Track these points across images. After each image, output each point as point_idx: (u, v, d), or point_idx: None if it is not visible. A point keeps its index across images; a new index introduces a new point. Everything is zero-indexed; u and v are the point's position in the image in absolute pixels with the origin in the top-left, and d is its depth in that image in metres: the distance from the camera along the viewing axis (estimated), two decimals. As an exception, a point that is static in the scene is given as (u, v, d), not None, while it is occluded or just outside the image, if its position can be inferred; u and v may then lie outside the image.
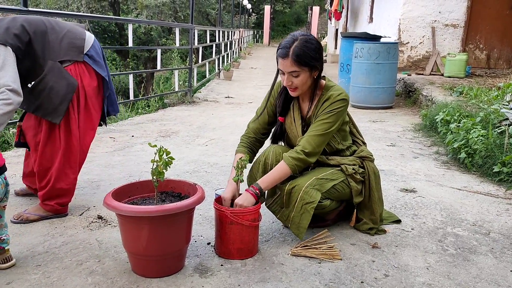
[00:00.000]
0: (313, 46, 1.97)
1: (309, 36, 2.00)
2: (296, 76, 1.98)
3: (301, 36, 1.98)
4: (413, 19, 8.25)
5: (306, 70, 1.98)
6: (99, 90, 2.35)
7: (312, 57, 1.96)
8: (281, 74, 2.03)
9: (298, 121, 2.13)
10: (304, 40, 1.97)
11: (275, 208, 2.10)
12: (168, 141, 4.19)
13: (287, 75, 1.99)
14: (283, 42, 2.01)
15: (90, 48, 2.30)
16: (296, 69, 1.96)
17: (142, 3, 18.11)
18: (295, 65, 1.95)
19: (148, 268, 1.75)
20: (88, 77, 2.27)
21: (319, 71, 2.04)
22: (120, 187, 1.88)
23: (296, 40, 1.97)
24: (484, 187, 3.01)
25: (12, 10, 3.91)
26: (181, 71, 7.71)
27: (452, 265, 1.93)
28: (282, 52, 1.97)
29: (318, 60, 2.00)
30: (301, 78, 1.99)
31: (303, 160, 2.00)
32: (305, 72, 1.98)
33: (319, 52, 2.00)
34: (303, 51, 1.94)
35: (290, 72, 1.98)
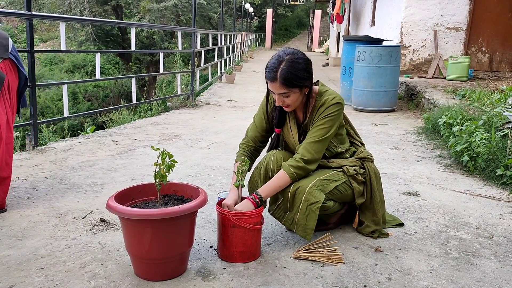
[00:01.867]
0: (301, 66, 1.94)
1: (295, 55, 1.96)
2: (287, 96, 1.98)
3: (287, 57, 1.94)
4: (415, 23, 8.25)
5: (296, 90, 1.97)
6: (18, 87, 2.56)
7: (300, 77, 1.94)
8: (272, 93, 2.03)
9: (294, 129, 2.14)
10: (291, 61, 1.93)
11: (279, 214, 2.10)
12: (171, 144, 4.20)
13: (278, 95, 1.99)
14: (269, 64, 1.97)
15: (12, 48, 2.48)
16: (285, 91, 1.95)
17: (145, 7, 18.14)
18: (284, 88, 1.94)
19: (150, 271, 1.76)
20: (13, 74, 2.48)
21: (309, 88, 2.03)
22: (123, 190, 1.88)
23: (282, 62, 1.93)
24: (487, 190, 3.00)
25: (16, 14, 3.93)
26: (183, 74, 7.74)
27: (456, 268, 1.92)
28: (269, 76, 1.95)
29: (307, 79, 1.98)
30: (292, 98, 1.99)
31: (303, 168, 2.00)
32: (295, 92, 1.98)
33: (307, 70, 1.98)
34: (290, 74, 1.92)
35: (280, 94, 1.97)
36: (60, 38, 4.30)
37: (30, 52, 3.70)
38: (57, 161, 3.45)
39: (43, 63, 22.13)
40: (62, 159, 3.53)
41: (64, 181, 2.99)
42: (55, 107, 16.27)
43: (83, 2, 18.02)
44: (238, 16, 28.35)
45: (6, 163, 2.43)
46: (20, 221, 2.31)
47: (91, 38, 18.93)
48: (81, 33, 19.37)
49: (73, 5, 17.84)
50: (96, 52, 5.03)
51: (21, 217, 2.36)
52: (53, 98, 16.99)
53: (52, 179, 3.02)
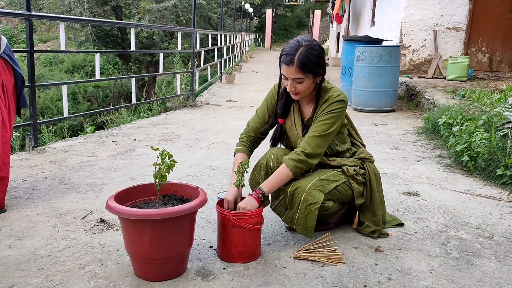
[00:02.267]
0: (317, 53, 1.98)
1: (313, 42, 2.00)
2: (300, 82, 1.99)
3: (305, 42, 1.98)
4: (415, 23, 8.26)
5: (310, 76, 1.98)
6: (15, 86, 2.54)
7: (316, 63, 1.97)
8: (284, 79, 2.04)
9: (298, 123, 2.14)
10: (308, 47, 1.96)
11: (280, 210, 2.10)
12: (171, 144, 4.20)
13: (291, 81, 2.00)
14: (287, 48, 2.00)
15: (5, 47, 2.46)
16: (300, 76, 1.97)
17: (144, 7, 18.14)
18: (300, 72, 1.95)
19: (150, 272, 1.75)
20: (7, 74, 2.45)
21: (322, 77, 2.05)
22: (123, 191, 1.88)
23: (300, 47, 1.96)
24: (487, 190, 2.99)
25: (15, 14, 3.93)
26: (183, 75, 7.73)
27: (456, 268, 1.92)
28: (286, 59, 1.97)
29: (322, 67, 2.01)
30: (305, 84, 2.00)
31: (304, 161, 1.99)
32: (309, 79, 1.99)
33: (323, 58, 2.01)
34: (308, 59, 1.94)
35: (294, 79, 1.98)
36: (59, 38, 4.30)
37: (29, 52, 3.69)
38: (57, 162, 3.45)
39: (42, 64, 22.14)
40: (61, 159, 3.53)
41: (63, 181, 2.98)
42: (54, 107, 16.27)
43: (83, 2, 18.02)
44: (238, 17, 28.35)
45: (3, 162, 2.43)
46: (19, 221, 2.30)
47: (91, 39, 18.94)
48: (81, 34, 19.38)
49: (72, 6, 17.84)
50: (95, 53, 5.04)
51: (21, 217, 2.36)
52: (53, 99, 16.99)
53: (52, 179, 3.02)
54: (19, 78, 2.55)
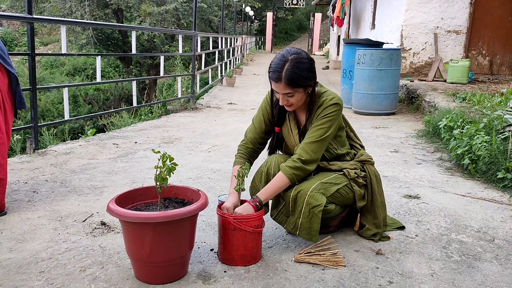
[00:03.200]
0: (305, 66, 1.94)
1: (299, 55, 1.95)
2: (291, 96, 1.98)
3: (291, 56, 1.93)
4: (415, 26, 8.27)
5: (300, 90, 1.97)
6: (10, 86, 2.50)
7: (305, 77, 1.94)
8: (276, 93, 2.03)
9: (295, 130, 2.13)
10: (295, 61, 1.92)
11: (281, 218, 2.09)
12: (171, 147, 4.20)
13: (282, 95, 1.98)
14: (273, 64, 1.96)
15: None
16: (289, 91, 1.95)
17: (145, 10, 18.19)
18: (288, 88, 1.94)
19: (151, 275, 1.75)
20: (0, 74, 2.42)
21: (313, 87, 2.03)
22: (124, 193, 1.88)
23: (286, 62, 1.92)
24: (488, 193, 2.99)
25: (17, 17, 3.95)
26: (184, 77, 7.74)
27: (457, 272, 1.92)
28: (273, 76, 1.94)
29: (311, 79, 1.98)
30: (296, 97, 1.99)
31: (300, 168, 1.99)
32: (300, 92, 1.98)
33: (311, 69, 1.98)
34: (295, 74, 1.91)
35: (285, 93, 1.97)
36: (60, 41, 4.31)
37: (31, 55, 3.70)
38: (58, 164, 3.45)
39: (43, 67, 22.18)
40: (62, 162, 3.53)
41: (64, 184, 2.98)
42: (55, 110, 16.29)
43: (84, 5, 18.07)
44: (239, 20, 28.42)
45: (0, 164, 2.40)
46: (20, 224, 2.30)
47: (92, 42, 18.99)
48: (82, 37, 19.43)
49: (74, 9, 17.90)
50: (97, 55, 5.05)
51: (22, 220, 2.36)
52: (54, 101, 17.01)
53: (53, 182, 3.02)
54: (13, 78, 2.50)
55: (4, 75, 2.45)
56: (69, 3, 17.90)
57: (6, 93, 2.48)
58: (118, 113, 6.70)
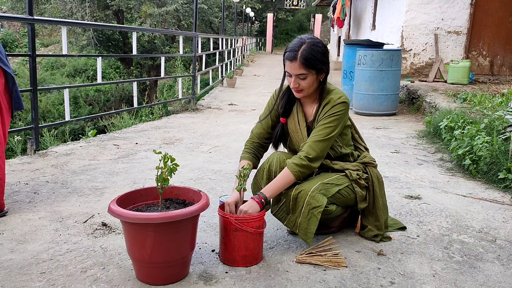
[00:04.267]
0: (320, 49, 2.00)
1: (316, 40, 2.03)
2: (303, 78, 2.00)
3: (308, 40, 2.01)
4: (415, 27, 8.27)
5: (313, 73, 2.00)
6: (6, 87, 2.48)
7: (319, 60, 1.99)
8: (288, 76, 2.05)
9: (303, 124, 2.13)
10: (312, 43, 1.99)
11: (282, 215, 2.09)
12: (172, 148, 4.20)
13: (294, 77, 2.01)
14: (290, 45, 2.03)
15: None
16: (303, 71, 1.98)
17: (146, 11, 18.20)
18: (303, 67, 1.97)
19: (152, 276, 1.75)
20: None
21: (325, 74, 2.05)
22: (125, 194, 1.88)
23: (303, 43, 1.99)
24: (490, 193, 2.99)
25: (18, 18, 3.95)
26: (184, 78, 7.74)
27: (459, 272, 1.91)
28: (290, 55, 1.99)
29: (325, 64, 2.03)
30: (308, 81, 2.01)
31: (307, 166, 1.99)
32: (312, 75, 2.01)
33: (326, 55, 2.03)
34: (311, 54, 1.97)
35: (297, 75, 2.00)
36: (61, 42, 4.31)
37: (32, 56, 3.70)
38: (59, 165, 3.45)
39: (44, 68, 22.20)
40: (63, 163, 3.53)
41: (65, 185, 2.98)
42: (56, 111, 16.31)
43: (85, 7, 18.09)
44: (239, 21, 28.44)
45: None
46: (21, 225, 2.30)
47: (93, 43, 19.00)
48: (83, 38, 19.44)
49: (74, 10, 17.91)
50: (97, 57, 5.05)
51: (23, 221, 2.36)
52: (54, 102, 17.03)
53: (54, 183, 3.02)
54: (9, 78, 2.48)
55: (0, 75, 2.42)
56: (70, 4, 17.91)
57: (2, 93, 2.45)
58: (118, 114, 6.71)
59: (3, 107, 2.46)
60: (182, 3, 18.73)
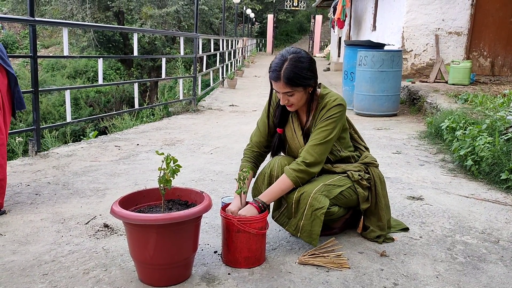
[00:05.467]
0: (304, 65, 1.93)
1: (299, 54, 1.95)
2: (291, 95, 1.98)
3: (290, 56, 1.94)
4: (416, 27, 8.26)
5: (300, 89, 1.96)
6: (8, 87, 2.51)
7: (304, 77, 1.94)
8: (276, 92, 2.03)
9: (299, 132, 2.12)
10: (294, 60, 1.92)
11: (283, 220, 2.08)
12: (173, 149, 4.19)
13: (282, 94, 1.98)
14: (273, 64, 1.96)
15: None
16: (289, 90, 1.95)
17: (147, 13, 18.22)
18: (288, 87, 1.94)
19: (155, 277, 1.74)
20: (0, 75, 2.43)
21: (313, 87, 2.03)
22: (127, 195, 1.88)
23: (285, 61, 1.93)
24: (492, 194, 2.98)
25: (19, 20, 3.96)
26: (185, 79, 7.74)
27: (462, 273, 1.91)
28: (273, 76, 1.95)
29: (311, 78, 1.97)
30: (296, 97, 1.98)
31: (305, 171, 1.98)
32: (299, 91, 1.97)
33: (311, 69, 1.97)
34: (293, 73, 1.91)
35: (285, 93, 1.97)
36: (62, 44, 4.32)
37: (33, 57, 3.71)
38: (60, 167, 3.45)
39: (45, 69, 22.21)
40: (64, 164, 3.53)
41: (67, 186, 2.98)
42: (57, 112, 16.31)
43: (85, 8, 18.11)
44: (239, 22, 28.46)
45: (0, 164, 2.41)
46: (23, 226, 2.30)
47: (93, 44, 19.02)
48: (83, 39, 19.46)
49: (75, 11, 17.93)
50: (98, 58, 5.05)
51: (25, 222, 2.35)
52: (55, 104, 17.03)
53: (55, 184, 3.01)
54: (12, 78, 2.50)
55: (3, 75, 2.45)
56: (70, 5, 17.93)
57: (5, 94, 2.47)
58: (119, 115, 6.71)
59: (5, 107, 2.47)
60: (183, 4, 18.76)
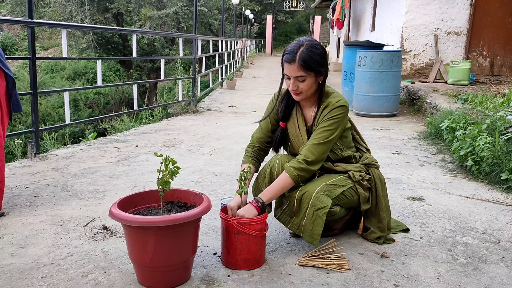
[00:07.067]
0: (319, 51, 1.99)
1: (314, 42, 2.02)
2: (302, 80, 1.99)
3: (306, 42, 2.00)
4: (415, 27, 8.26)
5: (312, 75, 1.99)
6: (6, 90, 2.51)
7: (318, 62, 1.98)
8: (287, 79, 2.04)
9: (302, 128, 2.12)
10: (310, 46, 1.98)
11: (285, 218, 2.07)
12: (173, 150, 4.18)
13: (293, 79, 2.00)
14: (288, 47, 2.02)
15: None
16: (302, 73, 1.97)
17: (146, 14, 18.22)
18: (302, 70, 1.96)
19: (154, 279, 1.73)
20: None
21: (324, 77, 2.04)
22: (126, 197, 1.87)
23: (302, 46, 1.98)
24: (492, 194, 2.97)
25: (18, 22, 3.95)
26: (184, 81, 7.74)
27: (463, 274, 1.90)
28: (288, 58, 1.98)
29: (323, 66, 2.01)
30: (307, 83, 2.00)
31: (306, 169, 1.98)
32: (311, 77, 1.99)
33: (324, 57, 2.02)
34: (309, 56, 1.95)
35: (296, 77, 1.98)
36: (61, 45, 4.31)
37: (31, 59, 3.69)
38: (59, 168, 3.44)
39: (44, 71, 22.21)
40: (63, 166, 3.52)
41: (66, 188, 2.97)
42: (56, 114, 16.31)
43: (84, 10, 18.11)
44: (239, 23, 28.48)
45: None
46: (22, 229, 2.29)
47: (92, 46, 19.01)
48: (82, 41, 19.46)
49: (74, 13, 17.93)
50: (97, 59, 5.04)
51: (23, 225, 2.34)
52: (54, 106, 17.04)
53: (54, 186, 3.00)
54: (10, 81, 2.50)
55: (2, 78, 2.45)
56: (69, 7, 17.93)
57: (4, 96, 2.48)
58: (119, 116, 6.69)
59: (3, 109, 2.47)
60: (182, 5, 18.76)
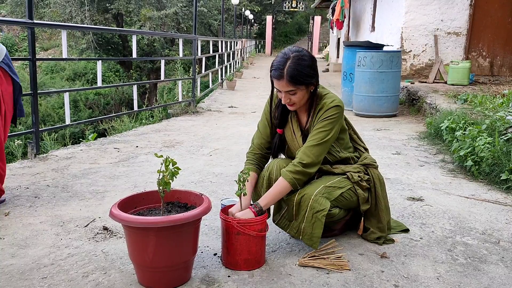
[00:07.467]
0: (306, 63, 1.95)
1: (301, 53, 1.97)
2: (293, 94, 1.97)
3: (292, 54, 1.95)
4: (415, 28, 8.27)
5: (302, 87, 1.96)
6: (12, 95, 2.58)
7: (306, 74, 1.94)
8: (278, 91, 2.02)
9: (298, 133, 2.12)
10: (297, 58, 1.93)
11: (284, 223, 2.07)
12: (173, 151, 4.19)
13: (284, 93, 1.98)
14: (275, 62, 1.97)
15: (4, 57, 2.51)
16: (292, 88, 1.95)
17: (145, 15, 18.22)
18: (291, 85, 1.94)
19: (154, 280, 1.74)
20: (5, 83, 2.50)
21: (315, 86, 2.03)
22: (126, 198, 1.87)
23: (288, 59, 1.93)
24: (492, 195, 2.98)
25: (18, 22, 3.95)
26: (184, 81, 7.75)
27: (463, 275, 1.90)
28: (275, 74, 1.95)
29: (313, 77, 1.98)
30: (298, 96, 1.98)
31: (302, 172, 1.97)
32: (302, 90, 1.97)
33: (313, 67, 1.98)
34: (297, 71, 1.92)
35: (287, 91, 1.97)
36: (61, 46, 4.31)
37: (31, 60, 3.70)
38: (59, 169, 3.44)
39: (44, 72, 22.23)
40: (64, 167, 3.52)
41: (66, 189, 2.97)
42: (56, 115, 16.31)
43: (84, 10, 18.11)
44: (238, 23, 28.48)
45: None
46: (22, 229, 2.29)
47: (92, 46, 19.02)
48: (82, 41, 19.47)
49: (74, 14, 17.93)
50: (97, 60, 5.05)
51: (24, 225, 2.34)
52: (54, 106, 17.05)
53: (54, 187, 3.00)
54: (16, 87, 2.56)
55: (8, 83, 2.52)
56: (69, 8, 17.93)
57: (8, 101, 2.53)
58: (119, 117, 6.70)
59: (7, 113, 2.54)
60: (182, 6, 18.77)
